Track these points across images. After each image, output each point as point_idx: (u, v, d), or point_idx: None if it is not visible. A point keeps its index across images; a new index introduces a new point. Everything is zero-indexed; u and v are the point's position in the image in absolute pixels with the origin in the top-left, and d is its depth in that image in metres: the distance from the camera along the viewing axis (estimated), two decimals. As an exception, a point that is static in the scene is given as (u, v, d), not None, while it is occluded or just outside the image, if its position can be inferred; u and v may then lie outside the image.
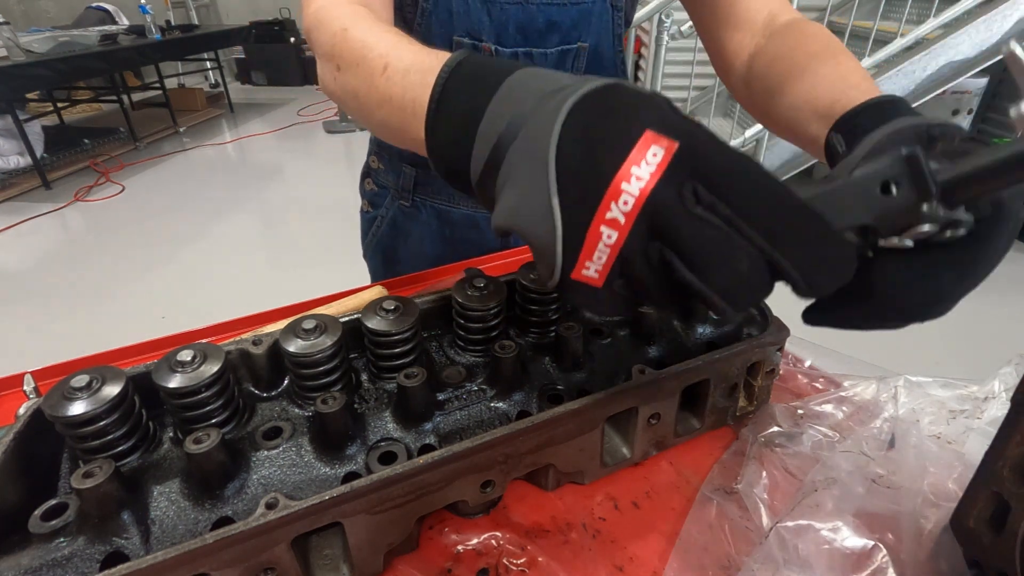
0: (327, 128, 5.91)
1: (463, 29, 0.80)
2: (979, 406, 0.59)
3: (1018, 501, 0.42)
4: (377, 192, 1.06)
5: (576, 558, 0.50)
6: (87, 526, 0.41)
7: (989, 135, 3.91)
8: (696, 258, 0.29)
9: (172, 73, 7.15)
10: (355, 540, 0.45)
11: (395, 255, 1.08)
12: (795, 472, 0.56)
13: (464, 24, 0.80)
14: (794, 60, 0.61)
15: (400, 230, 1.05)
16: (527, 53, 0.83)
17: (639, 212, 0.28)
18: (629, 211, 0.28)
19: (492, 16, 0.79)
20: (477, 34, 0.80)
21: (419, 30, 0.81)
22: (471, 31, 0.80)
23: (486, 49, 0.81)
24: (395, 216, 1.04)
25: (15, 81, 3.85)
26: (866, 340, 2.36)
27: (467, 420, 0.54)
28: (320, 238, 3.70)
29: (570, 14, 0.82)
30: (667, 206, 0.28)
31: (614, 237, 0.29)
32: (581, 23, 0.84)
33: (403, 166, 0.98)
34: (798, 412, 0.62)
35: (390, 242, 1.08)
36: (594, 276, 0.31)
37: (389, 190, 1.03)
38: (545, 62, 0.84)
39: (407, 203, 1.01)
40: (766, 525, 0.50)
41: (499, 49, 0.82)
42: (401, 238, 1.05)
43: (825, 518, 0.48)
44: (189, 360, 0.48)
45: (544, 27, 0.82)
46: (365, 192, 1.10)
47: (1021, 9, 2.89)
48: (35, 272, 3.35)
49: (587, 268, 0.30)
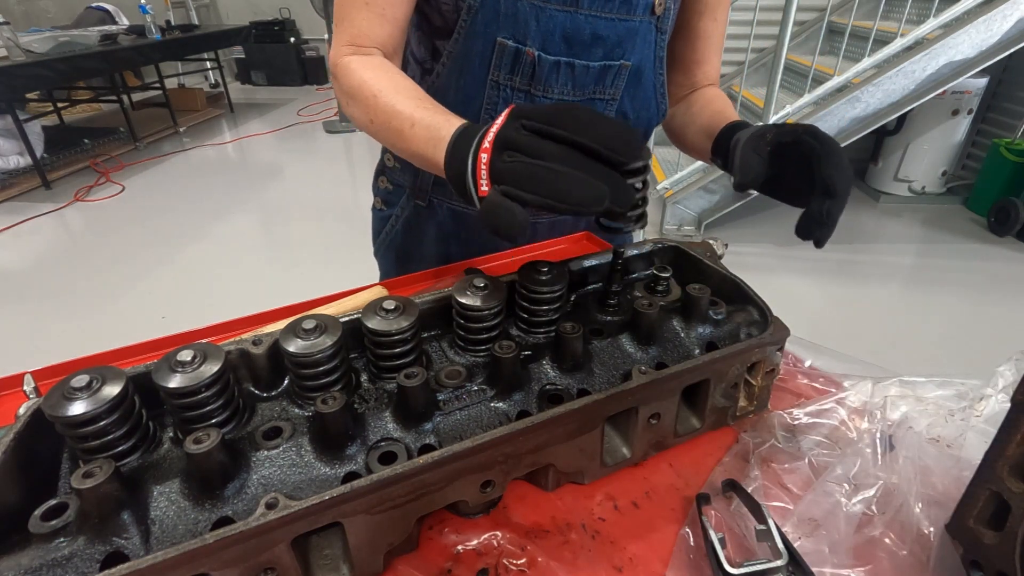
0: (327, 128, 5.91)
1: (508, 32, 0.79)
2: (977, 404, 0.59)
3: (1018, 501, 0.42)
4: (392, 191, 1.06)
5: (576, 558, 0.50)
6: (87, 526, 0.41)
7: (989, 135, 3.91)
8: (530, 152, 0.51)
9: (172, 73, 7.15)
10: (355, 540, 0.45)
11: (409, 254, 1.07)
12: (792, 487, 0.56)
13: (510, 27, 0.79)
14: (704, 108, 0.92)
15: (415, 229, 1.04)
16: (569, 64, 0.82)
17: (494, 140, 0.53)
18: (489, 141, 0.53)
19: (539, 21, 0.79)
20: (522, 38, 0.80)
21: (462, 29, 0.80)
22: (516, 35, 0.79)
23: (529, 55, 0.80)
24: (411, 215, 1.04)
25: (15, 81, 3.85)
26: (865, 340, 2.37)
27: (467, 420, 0.54)
28: (320, 238, 3.71)
29: (616, 29, 0.81)
30: (507, 133, 0.52)
31: (485, 158, 0.53)
32: (626, 40, 0.83)
33: None
34: (795, 424, 0.62)
35: (404, 241, 1.07)
36: (485, 189, 0.52)
37: (405, 189, 1.03)
38: (586, 75, 0.84)
39: (424, 202, 1.01)
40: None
41: (542, 56, 0.81)
42: (416, 237, 1.05)
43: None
44: (189, 360, 0.48)
45: (589, 39, 0.81)
46: (379, 190, 1.09)
47: (1021, 9, 2.89)
48: (35, 272, 3.35)
49: (482, 185, 0.53)
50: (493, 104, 0.86)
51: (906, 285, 3.13)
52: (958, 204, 3.98)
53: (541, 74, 0.82)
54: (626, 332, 0.64)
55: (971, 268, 3.25)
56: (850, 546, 0.49)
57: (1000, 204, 3.54)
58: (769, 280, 3.09)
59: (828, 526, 0.50)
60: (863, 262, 3.32)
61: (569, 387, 0.58)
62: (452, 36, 0.81)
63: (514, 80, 0.83)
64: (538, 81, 0.83)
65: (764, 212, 3.89)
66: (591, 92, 0.86)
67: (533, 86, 0.83)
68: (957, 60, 3.06)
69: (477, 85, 0.84)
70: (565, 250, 1.05)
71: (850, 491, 0.53)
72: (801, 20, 4.36)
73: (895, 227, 3.77)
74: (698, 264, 0.72)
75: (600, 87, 0.86)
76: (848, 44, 3.25)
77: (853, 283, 3.12)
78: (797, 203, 0.66)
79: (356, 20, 0.77)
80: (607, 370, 0.60)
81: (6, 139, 4.21)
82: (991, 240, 3.53)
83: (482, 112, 0.86)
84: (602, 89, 0.87)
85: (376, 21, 0.77)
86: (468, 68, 0.83)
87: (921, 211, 3.93)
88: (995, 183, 3.65)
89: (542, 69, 0.82)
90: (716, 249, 0.75)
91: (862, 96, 3.19)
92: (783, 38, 2.95)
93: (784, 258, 3.37)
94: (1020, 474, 0.43)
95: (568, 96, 0.85)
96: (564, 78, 0.83)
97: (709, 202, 3.62)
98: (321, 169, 5.00)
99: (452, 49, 0.82)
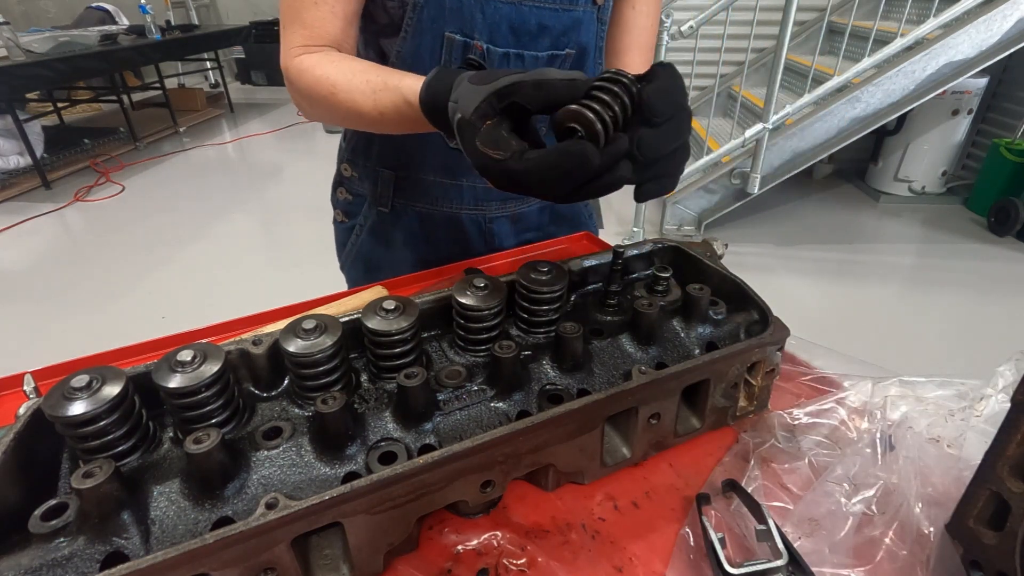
0: (327, 128, 5.91)
1: (455, 26, 0.80)
2: (977, 404, 0.59)
3: (1018, 501, 0.42)
4: (352, 201, 1.04)
5: (576, 558, 0.50)
6: (87, 526, 0.41)
7: (989, 135, 3.91)
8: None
9: (172, 73, 7.15)
10: (355, 540, 0.45)
11: (377, 263, 1.06)
12: (792, 487, 0.56)
13: (456, 21, 0.79)
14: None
15: (381, 237, 1.03)
16: (518, 55, 0.83)
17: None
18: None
19: (485, 14, 0.79)
20: (469, 31, 0.80)
21: (409, 26, 0.80)
22: (463, 28, 0.80)
23: (478, 47, 0.81)
24: (375, 224, 1.02)
25: (15, 81, 3.84)
26: (865, 340, 2.37)
27: (467, 420, 0.54)
28: (320, 238, 3.67)
29: (562, 19, 0.83)
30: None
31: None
32: (571, 30, 0.85)
33: (380, 171, 0.96)
34: (795, 424, 0.62)
35: (371, 250, 1.05)
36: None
37: (366, 197, 1.01)
38: (535, 65, 0.84)
39: (386, 208, 0.99)
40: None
41: (491, 48, 0.81)
42: (382, 245, 1.03)
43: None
44: (189, 360, 0.48)
45: (536, 29, 0.82)
46: (338, 202, 1.07)
47: (1021, 9, 2.89)
48: (35, 272, 3.35)
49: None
50: None
51: (906, 285, 3.13)
52: (958, 204, 3.98)
53: (491, 66, 0.82)
54: (626, 332, 0.64)
55: (971, 268, 3.25)
56: (850, 546, 0.49)
57: (1000, 204, 3.54)
58: (769, 280, 3.09)
59: (828, 526, 0.50)
60: (863, 262, 3.32)
61: (569, 387, 0.58)
62: (400, 34, 0.81)
63: None
64: None
65: (764, 212, 3.89)
66: None
67: None
68: (957, 60, 3.06)
69: None
70: (565, 250, 1.05)
71: (850, 491, 0.53)
72: (801, 20, 4.35)
73: (895, 227, 3.77)
74: (698, 264, 0.72)
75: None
76: (848, 44, 3.24)
77: (853, 283, 3.12)
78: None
79: (306, 19, 0.76)
80: (607, 370, 0.60)
81: (6, 139, 4.20)
82: (991, 240, 3.53)
83: None
84: None
85: (327, 18, 0.76)
86: (419, 65, 0.82)
87: (921, 211, 3.93)
88: (995, 183, 3.65)
89: (491, 61, 0.82)
90: (716, 249, 0.75)
91: (862, 96, 3.19)
92: (783, 38, 2.95)
93: (784, 258, 3.37)
94: (1020, 474, 0.43)
95: None
96: (514, 69, 0.84)
97: (709, 202, 3.62)
98: (321, 169, 4.99)
99: (400, 48, 0.82)
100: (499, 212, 1.02)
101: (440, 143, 0.89)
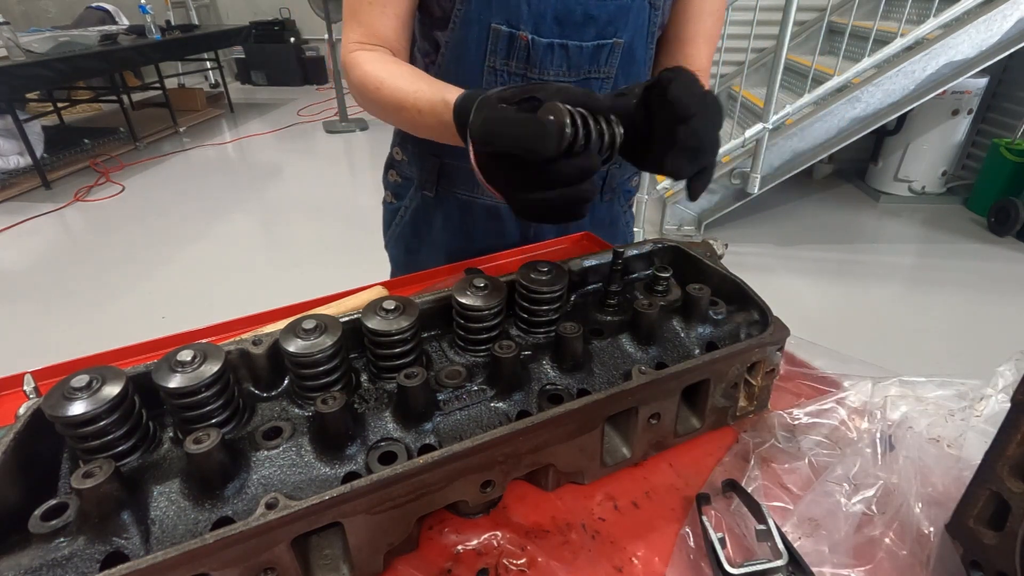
0: (327, 128, 5.91)
1: (501, 17, 0.81)
2: (977, 404, 0.59)
3: (1018, 501, 0.42)
4: (401, 183, 1.09)
5: (576, 558, 0.50)
6: (87, 526, 0.41)
7: (989, 135, 3.91)
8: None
9: (172, 73, 7.15)
10: (355, 540, 0.45)
11: (417, 244, 1.10)
12: (792, 487, 0.56)
13: (503, 12, 0.81)
14: None
15: (422, 220, 1.07)
16: (562, 45, 0.84)
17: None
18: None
19: (531, 5, 0.80)
20: (515, 22, 0.81)
21: (457, 17, 0.82)
22: (509, 19, 0.81)
23: (523, 38, 0.82)
24: (419, 206, 1.06)
25: (15, 81, 3.84)
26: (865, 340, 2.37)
27: (467, 420, 0.54)
28: (320, 238, 3.71)
29: (608, 8, 0.83)
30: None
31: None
32: (618, 19, 0.84)
33: (427, 156, 1.00)
34: (795, 424, 0.62)
35: (412, 232, 1.09)
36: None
37: (413, 180, 1.05)
38: (580, 55, 0.85)
39: (431, 193, 1.03)
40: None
41: (535, 39, 0.82)
42: (424, 228, 1.07)
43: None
44: (189, 360, 0.48)
45: (581, 19, 0.82)
46: (389, 183, 1.12)
47: (1021, 9, 2.89)
48: (35, 272, 3.35)
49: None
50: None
51: (906, 285, 3.13)
52: (958, 204, 3.98)
53: (536, 57, 0.84)
54: (626, 332, 0.64)
55: (971, 268, 3.25)
56: (850, 546, 0.49)
57: (1000, 204, 3.54)
58: (769, 280, 3.10)
59: (828, 526, 0.50)
60: (863, 262, 3.32)
61: (569, 387, 0.58)
62: (448, 26, 0.83)
63: (510, 64, 0.85)
64: (533, 64, 0.85)
65: (764, 212, 3.89)
66: (586, 72, 0.88)
67: (529, 69, 0.85)
68: (957, 60, 3.06)
69: (475, 72, 0.86)
70: (565, 250, 1.05)
71: (850, 491, 0.53)
72: (801, 20, 4.35)
73: (895, 227, 3.77)
74: (698, 264, 0.72)
75: (595, 66, 0.87)
76: (848, 44, 3.24)
77: (853, 283, 3.12)
78: (663, 156, 0.62)
79: (362, 17, 0.82)
80: (607, 370, 0.60)
81: (6, 139, 4.21)
82: (991, 240, 3.53)
83: None
84: (596, 68, 0.88)
85: (380, 17, 0.81)
86: (465, 56, 0.85)
87: (921, 211, 3.93)
88: (995, 183, 3.65)
89: (536, 52, 0.83)
90: (716, 249, 0.75)
91: (862, 96, 3.19)
92: (783, 38, 2.95)
93: (784, 258, 3.37)
94: (1020, 474, 0.43)
95: (564, 77, 0.87)
96: (559, 59, 0.85)
97: (709, 202, 3.62)
98: (321, 169, 5.00)
99: (449, 38, 0.84)
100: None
101: None
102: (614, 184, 1.08)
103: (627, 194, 1.15)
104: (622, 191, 1.13)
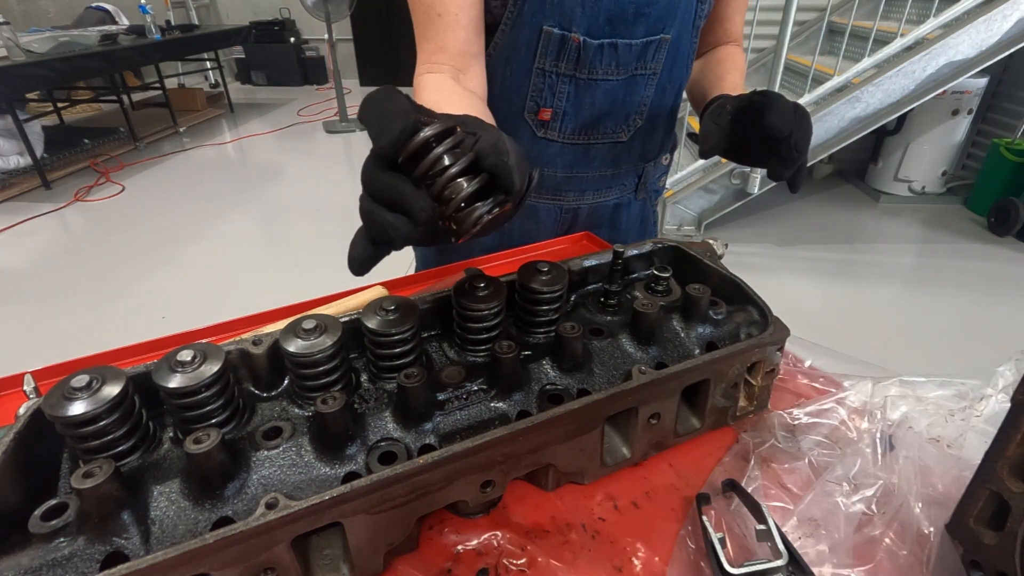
0: (327, 128, 5.91)
1: (554, 20, 0.81)
2: (977, 404, 0.59)
3: (1018, 501, 0.42)
4: None
5: (576, 558, 0.50)
6: (87, 526, 0.41)
7: (989, 135, 3.91)
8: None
9: (172, 73, 7.14)
10: (355, 540, 0.45)
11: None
12: (792, 487, 0.56)
13: (556, 15, 0.81)
14: (711, 69, 0.99)
15: None
16: (612, 44, 0.84)
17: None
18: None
19: (585, 7, 0.80)
20: (568, 25, 0.82)
21: (509, 19, 0.82)
22: (562, 22, 0.82)
23: (574, 40, 0.82)
24: None
25: (15, 81, 3.84)
26: (865, 340, 2.37)
27: (467, 420, 0.54)
28: (320, 238, 3.70)
29: (659, 5, 0.83)
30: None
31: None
32: (667, 15, 0.85)
33: None
34: (795, 424, 0.62)
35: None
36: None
37: None
38: (629, 53, 0.86)
39: None
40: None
41: (587, 41, 0.83)
42: None
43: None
44: (189, 360, 0.48)
45: (632, 17, 0.83)
46: None
47: (1021, 9, 2.89)
48: (35, 272, 3.34)
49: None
50: (539, 90, 0.88)
51: (906, 285, 3.13)
52: (958, 204, 3.98)
53: (586, 58, 0.84)
54: (626, 332, 0.64)
55: (971, 268, 3.25)
56: (850, 546, 0.49)
57: (1000, 204, 3.54)
58: (769, 280, 3.09)
59: (828, 526, 0.50)
60: (863, 262, 3.32)
61: (569, 387, 0.58)
62: (498, 28, 0.83)
63: (560, 66, 0.86)
64: (583, 64, 0.85)
65: (764, 212, 3.89)
66: (634, 69, 0.89)
67: (578, 70, 0.86)
68: (957, 60, 3.06)
69: (523, 73, 0.87)
70: (565, 250, 1.05)
71: (850, 491, 0.53)
72: (801, 20, 4.35)
73: (895, 227, 3.77)
74: (698, 264, 0.72)
75: (642, 63, 0.88)
76: (848, 44, 3.25)
77: (853, 283, 3.12)
78: (764, 164, 0.72)
79: (431, 35, 0.79)
80: (607, 370, 0.60)
81: (6, 139, 4.20)
82: (991, 240, 3.53)
83: (527, 99, 0.89)
84: (643, 65, 0.89)
85: (449, 31, 0.78)
86: (514, 57, 0.85)
87: (921, 211, 3.93)
88: (995, 183, 3.65)
89: (587, 53, 0.84)
90: (716, 249, 0.75)
91: (862, 96, 3.19)
92: (783, 38, 2.95)
93: (784, 258, 3.37)
94: (1020, 474, 0.43)
95: (612, 75, 0.88)
96: (608, 59, 0.86)
97: (709, 202, 3.62)
98: (321, 169, 5.00)
99: (499, 40, 0.85)
100: (576, 203, 1.04)
101: (519, 131, 0.93)
102: (648, 183, 1.10)
103: (656, 193, 1.17)
104: (653, 190, 1.14)
